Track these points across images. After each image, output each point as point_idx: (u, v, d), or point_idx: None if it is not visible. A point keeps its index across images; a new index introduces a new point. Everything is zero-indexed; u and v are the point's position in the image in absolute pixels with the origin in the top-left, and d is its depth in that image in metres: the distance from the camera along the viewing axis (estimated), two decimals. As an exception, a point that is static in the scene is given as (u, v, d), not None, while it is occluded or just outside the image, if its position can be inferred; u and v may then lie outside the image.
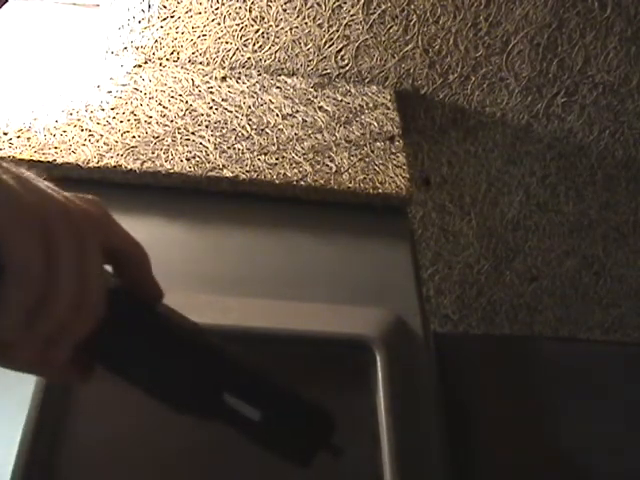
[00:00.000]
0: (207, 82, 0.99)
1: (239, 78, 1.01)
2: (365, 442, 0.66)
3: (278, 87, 1.01)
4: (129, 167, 0.83)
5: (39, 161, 0.82)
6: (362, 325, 0.73)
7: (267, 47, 1.03)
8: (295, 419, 0.44)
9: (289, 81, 1.02)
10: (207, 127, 0.91)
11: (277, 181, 0.85)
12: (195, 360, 0.43)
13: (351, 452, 0.65)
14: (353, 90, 1.03)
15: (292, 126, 0.93)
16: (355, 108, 0.99)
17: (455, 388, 0.99)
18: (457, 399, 0.98)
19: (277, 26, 1.01)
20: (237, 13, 1.00)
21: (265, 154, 0.88)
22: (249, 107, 0.95)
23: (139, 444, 0.64)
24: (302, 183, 0.86)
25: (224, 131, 0.91)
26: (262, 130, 0.92)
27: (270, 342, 0.71)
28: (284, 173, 0.86)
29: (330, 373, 0.71)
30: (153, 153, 0.85)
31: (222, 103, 0.95)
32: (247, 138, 0.90)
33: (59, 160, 0.82)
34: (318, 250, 0.83)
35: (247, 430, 0.44)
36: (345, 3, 0.99)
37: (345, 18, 1.01)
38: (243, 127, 0.92)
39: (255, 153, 0.88)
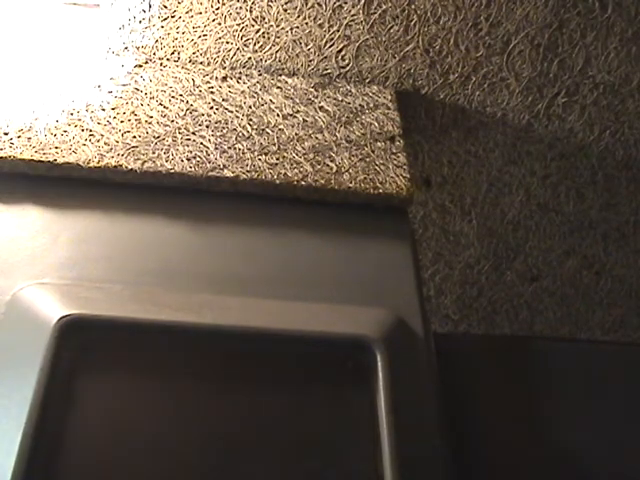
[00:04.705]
0: (208, 82, 0.99)
1: (240, 78, 1.01)
2: (365, 442, 0.66)
3: (279, 87, 1.01)
4: (130, 167, 0.83)
5: (40, 161, 0.82)
6: (362, 325, 0.73)
7: (268, 47, 1.03)
8: None
9: (290, 81, 1.02)
10: (208, 127, 0.91)
11: (278, 181, 0.85)
12: None
13: (351, 452, 0.65)
14: (354, 90, 1.03)
15: (293, 126, 0.94)
16: (356, 108, 0.99)
17: (455, 388, 0.99)
18: (457, 399, 0.98)
19: (278, 26, 1.01)
20: (238, 13, 1.00)
21: (266, 154, 0.88)
22: (250, 107, 0.95)
23: (139, 444, 0.64)
24: (303, 183, 0.86)
25: (225, 131, 0.91)
26: (263, 130, 0.92)
27: (270, 342, 0.71)
28: (285, 173, 0.86)
29: (330, 373, 0.71)
30: (154, 153, 0.85)
31: (223, 103, 0.95)
32: (248, 138, 0.90)
33: (60, 160, 0.82)
34: (318, 250, 0.83)
35: None
36: (346, 3, 0.99)
37: (346, 18, 1.01)
38: (244, 127, 0.92)
39: (256, 153, 0.88)
